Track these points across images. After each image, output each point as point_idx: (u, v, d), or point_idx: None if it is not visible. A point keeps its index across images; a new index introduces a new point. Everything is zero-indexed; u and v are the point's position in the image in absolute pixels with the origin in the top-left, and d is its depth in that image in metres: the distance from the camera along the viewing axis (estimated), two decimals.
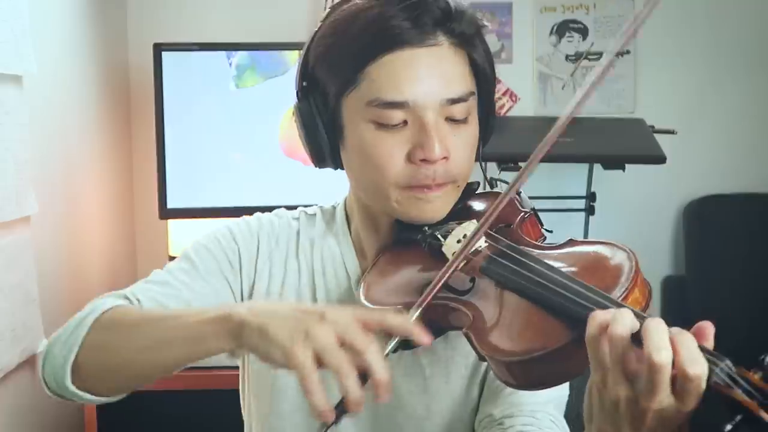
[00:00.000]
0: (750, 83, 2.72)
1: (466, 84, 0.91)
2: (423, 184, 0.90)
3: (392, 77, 0.88)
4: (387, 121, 0.88)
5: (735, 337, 2.51)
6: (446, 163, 0.89)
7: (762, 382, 0.61)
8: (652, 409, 0.64)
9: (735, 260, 2.62)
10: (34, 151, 1.74)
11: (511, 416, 0.91)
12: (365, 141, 0.90)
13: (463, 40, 0.91)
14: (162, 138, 2.19)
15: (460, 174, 0.92)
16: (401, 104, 0.88)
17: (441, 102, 0.89)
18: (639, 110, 2.67)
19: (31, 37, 1.68)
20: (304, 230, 1.06)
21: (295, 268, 1.04)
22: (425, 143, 0.88)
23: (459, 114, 0.90)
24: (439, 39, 0.89)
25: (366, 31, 0.89)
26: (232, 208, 2.23)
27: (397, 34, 0.87)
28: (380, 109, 0.88)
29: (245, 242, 1.03)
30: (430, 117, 0.88)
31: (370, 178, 0.92)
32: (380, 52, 0.88)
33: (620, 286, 0.73)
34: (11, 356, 1.63)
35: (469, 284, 0.83)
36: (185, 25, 2.58)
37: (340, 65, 0.90)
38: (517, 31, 2.68)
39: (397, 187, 0.90)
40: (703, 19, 2.70)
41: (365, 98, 0.89)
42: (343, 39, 0.91)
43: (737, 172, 2.73)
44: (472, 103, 0.92)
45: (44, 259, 1.83)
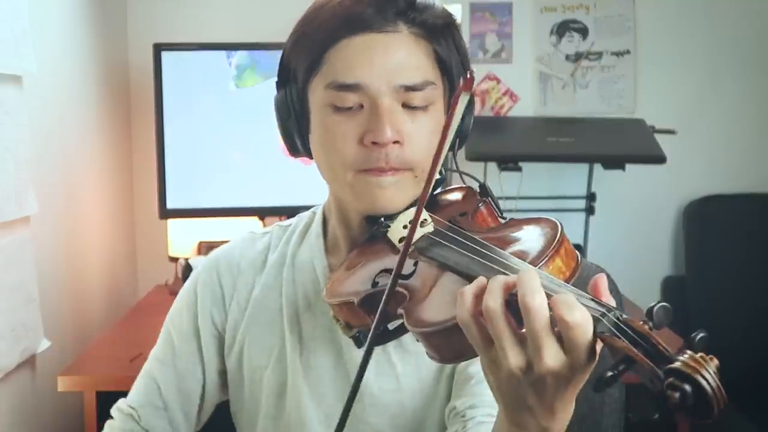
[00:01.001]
0: (749, 83, 2.72)
1: (424, 73, 0.91)
2: (375, 167, 0.90)
3: (348, 60, 0.90)
4: (342, 103, 0.90)
5: (735, 336, 2.51)
6: (399, 147, 0.90)
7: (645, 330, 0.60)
8: (547, 370, 0.62)
9: (735, 260, 2.62)
10: (34, 151, 1.74)
11: (473, 407, 0.91)
12: (324, 124, 0.93)
13: (425, 30, 0.92)
14: (162, 138, 2.19)
15: (416, 161, 0.92)
16: (354, 86, 0.89)
17: (395, 87, 0.90)
18: (639, 110, 2.67)
19: (31, 37, 1.68)
20: (274, 245, 1.09)
21: (260, 285, 1.06)
22: (375, 126, 0.89)
23: (417, 101, 0.91)
24: (398, 26, 0.91)
25: (331, 17, 0.91)
26: (231, 208, 2.24)
27: (357, 19, 0.90)
28: (336, 91, 0.90)
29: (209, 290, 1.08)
30: (383, 101, 0.89)
31: (328, 162, 0.94)
32: (340, 37, 0.90)
33: (541, 253, 0.74)
34: (11, 356, 1.63)
35: (413, 268, 0.85)
36: (185, 25, 2.58)
37: (307, 51, 0.93)
38: (517, 31, 2.68)
39: (351, 169, 0.92)
40: (703, 19, 2.70)
41: (324, 81, 0.91)
42: (309, 26, 0.93)
43: (737, 172, 2.73)
44: (431, 92, 0.92)
45: (44, 259, 1.83)
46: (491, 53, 2.67)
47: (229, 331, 1.07)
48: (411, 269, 0.85)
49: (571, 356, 0.62)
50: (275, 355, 1.03)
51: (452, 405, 0.94)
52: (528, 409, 0.66)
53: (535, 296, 0.62)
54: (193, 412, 1.09)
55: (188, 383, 1.08)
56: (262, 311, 1.05)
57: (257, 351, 1.04)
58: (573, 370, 0.63)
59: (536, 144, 2.37)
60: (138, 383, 1.10)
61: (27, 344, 1.69)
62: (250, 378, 1.05)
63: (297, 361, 1.01)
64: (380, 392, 0.98)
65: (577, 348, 0.61)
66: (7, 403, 1.67)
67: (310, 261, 1.04)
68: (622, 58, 2.69)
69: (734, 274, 2.61)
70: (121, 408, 1.09)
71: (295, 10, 0.97)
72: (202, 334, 1.07)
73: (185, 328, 1.08)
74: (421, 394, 0.99)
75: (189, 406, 1.08)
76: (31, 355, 1.74)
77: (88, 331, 2.16)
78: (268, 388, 1.03)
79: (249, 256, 1.09)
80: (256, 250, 1.09)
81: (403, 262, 0.79)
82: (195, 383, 1.08)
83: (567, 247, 0.76)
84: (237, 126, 2.21)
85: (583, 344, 0.61)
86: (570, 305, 0.62)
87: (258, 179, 2.22)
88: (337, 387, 1.00)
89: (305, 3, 0.97)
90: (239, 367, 1.06)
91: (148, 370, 1.10)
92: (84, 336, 2.12)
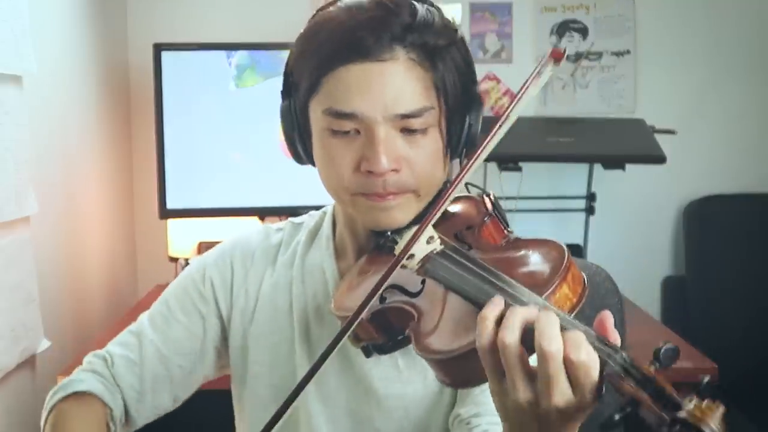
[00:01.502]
0: (750, 83, 2.72)
1: (421, 99, 0.89)
2: (373, 192, 0.90)
3: (343, 89, 0.89)
4: (339, 128, 0.90)
5: (735, 336, 2.52)
6: (397, 174, 0.90)
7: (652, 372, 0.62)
8: (554, 407, 0.64)
9: (735, 260, 2.62)
10: (34, 151, 1.74)
11: (477, 415, 0.92)
12: (323, 146, 0.93)
13: (424, 53, 0.90)
14: (162, 138, 2.19)
15: (418, 185, 0.91)
16: (350, 115, 0.89)
17: (391, 116, 0.89)
18: (639, 110, 2.67)
19: (31, 37, 1.68)
20: (287, 241, 1.10)
21: (270, 282, 1.07)
22: (371, 156, 0.88)
23: (416, 125, 0.90)
24: (395, 53, 0.88)
25: (328, 40, 0.90)
26: (231, 208, 2.23)
27: (353, 47, 0.88)
28: (332, 117, 0.90)
29: (219, 272, 1.09)
30: (379, 131, 0.88)
31: (328, 182, 0.95)
32: (337, 64, 0.89)
33: (548, 282, 0.75)
34: (11, 356, 1.63)
35: (420, 286, 0.85)
36: (185, 25, 2.58)
37: (307, 71, 0.92)
38: (517, 31, 2.68)
39: (349, 192, 0.92)
40: (703, 20, 2.70)
41: (322, 106, 0.91)
42: (310, 45, 0.93)
43: (737, 172, 2.73)
44: (429, 117, 0.90)
45: (44, 259, 1.83)
46: (491, 53, 2.67)
47: (235, 322, 1.07)
48: (419, 287, 0.84)
49: (578, 394, 0.64)
50: (283, 354, 1.03)
51: (456, 412, 0.95)
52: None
53: (552, 342, 0.64)
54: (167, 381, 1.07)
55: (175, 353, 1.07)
56: (270, 309, 1.06)
57: (263, 347, 1.05)
58: (578, 409, 0.64)
59: (536, 144, 2.37)
60: (120, 337, 1.09)
61: (27, 344, 1.69)
62: (254, 373, 1.05)
63: (306, 362, 1.01)
64: (386, 397, 0.99)
65: (583, 387, 0.63)
66: (7, 403, 1.67)
67: (320, 264, 1.05)
68: (622, 58, 2.69)
69: (734, 274, 2.60)
70: (96, 352, 1.08)
71: (295, 10, 0.98)
72: (206, 314, 1.07)
73: (188, 303, 1.08)
74: (426, 399, 0.99)
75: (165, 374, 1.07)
76: (31, 355, 1.74)
77: (88, 331, 2.16)
78: (275, 388, 1.03)
79: (263, 248, 1.09)
80: (270, 244, 1.10)
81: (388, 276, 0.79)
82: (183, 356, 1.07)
83: (574, 272, 0.76)
84: (237, 126, 2.21)
85: (588, 384, 0.63)
86: (578, 344, 0.63)
87: (258, 179, 2.22)
88: (341, 390, 1.01)
89: (305, 3, 0.97)
90: (244, 362, 1.06)
91: (136, 329, 1.09)
92: (84, 336, 2.12)
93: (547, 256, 0.79)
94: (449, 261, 0.84)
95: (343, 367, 1.01)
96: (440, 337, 0.77)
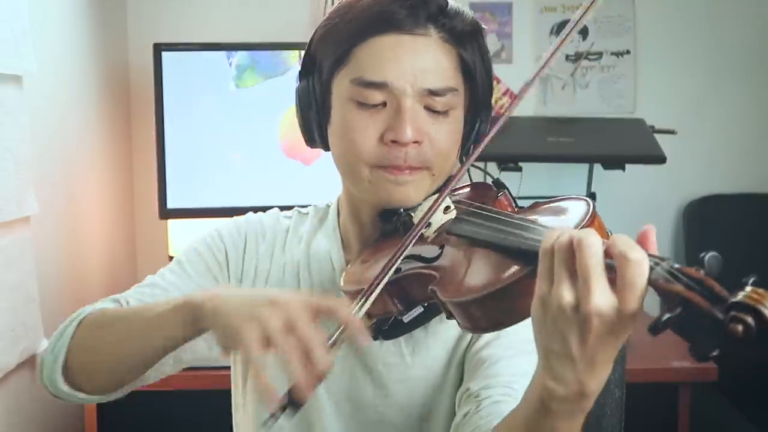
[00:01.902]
0: (750, 84, 2.72)
1: (448, 79, 0.94)
2: (393, 165, 0.92)
3: (376, 58, 0.92)
4: (366, 100, 0.92)
5: None
6: (418, 147, 0.92)
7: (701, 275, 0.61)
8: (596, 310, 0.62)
9: (735, 260, 2.60)
10: (34, 151, 1.74)
11: (487, 387, 0.92)
12: (345, 118, 0.94)
13: (453, 36, 0.94)
14: (162, 138, 2.19)
15: (434, 162, 0.94)
16: (380, 85, 0.91)
17: (419, 89, 0.92)
18: (639, 110, 2.67)
19: (31, 37, 1.68)
20: (294, 227, 1.11)
21: (280, 263, 1.08)
22: (397, 125, 0.91)
23: (439, 106, 0.93)
24: (428, 30, 0.93)
25: (362, 14, 0.93)
26: (232, 208, 2.23)
27: (389, 18, 0.91)
28: (361, 87, 0.92)
29: (232, 241, 1.10)
30: (406, 101, 0.91)
31: (346, 156, 0.96)
32: (370, 35, 0.92)
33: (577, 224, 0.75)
34: (11, 356, 1.63)
35: (438, 251, 0.86)
36: (185, 25, 2.58)
37: (335, 45, 0.95)
38: (517, 31, 2.68)
39: (369, 165, 0.94)
40: (703, 20, 2.70)
41: (350, 76, 0.93)
42: (341, 21, 0.95)
43: (737, 172, 2.73)
44: (453, 99, 0.94)
45: (44, 259, 1.83)
46: (491, 53, 2.66)
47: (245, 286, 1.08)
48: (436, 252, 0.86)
49: (622, 298, 0.62)
50: None
51: (465, 387, 0.95)
52: (569, 357, 0.65)
53: (590, 236, 0.64)
54: None
55: None
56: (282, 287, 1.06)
57: None
58: (620, 316, 0.62)
59: (536, 144, 2.37)
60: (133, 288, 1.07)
61: (27, 344, 1.69)
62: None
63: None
64: (389, 382, 1.00)
65: (631, 288, 0.61)
66: (7, 403, 1.67)
67: (326, 251, 1.06)
68: (622, 58, 2.69)
69: (734, 274, 2.59)
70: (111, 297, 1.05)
71: (295, 10, 0.99)
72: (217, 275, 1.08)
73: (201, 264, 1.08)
74: (429, 383, 1.00)
75: None
76: (31, 355, 1.74)
77: None
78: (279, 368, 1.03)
79: (274, 229, 1.11)
80: (280, 227, 1.12)
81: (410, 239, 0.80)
82: None
83: (600, 221, 0.77)
84: (237, 126, 2.21)
85: (638, 284, 0.61)
86: (630, 244, 0.63)
87: (258, 179, 2.22)
88: (345, 373, 1.02)
89: (305, 3, 0.98)
90: None
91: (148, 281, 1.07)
92: None
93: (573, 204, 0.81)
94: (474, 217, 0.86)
95: (347, 352, 1.01)
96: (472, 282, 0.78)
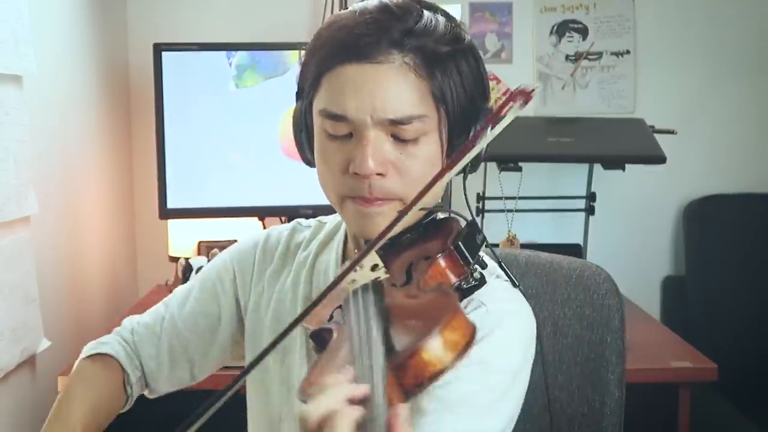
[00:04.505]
0: (750, 83, 2.72)
1: (413, 107, 0.88)
2: (359, 196, 0.90)
3: (336, 90, 0.89)
4: (333, 131, 0.91)
5: (734, 337, 2.51)
6: (382, 178, 0.89)
7: None
8: None
9: (735, 260, 2.61)
10: (34, 151, 1.74)
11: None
12: (319, 147, 0.94)
13: (421, 59, 0.88)
14: (162, 138, 2.19)
15: (404, 192, 0.90)
16: (341, 117, 0.89)
17: (380, 120, 0.87)
18: (639, 110, 2.67)
19: (31, 37, 1.68)
20: (308, 239, 1.12)
21: (289, 279, 1.09)
22: (358, 157, 0.88)
23: (407, 134, 0.88)
24: (391, 57, 0.87)
25: (330, 39, 0.91)
26: (231, 208, 2.23)
27: (351, 47, 0.88)
28: (327, 119, 0.90)
29: (240, 262, 1.14)
30: (368, 133, 0.88)
31: (323, 185, 0.96)
32: (334, 63, 0.89)
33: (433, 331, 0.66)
34: (11, 356, 1.63)
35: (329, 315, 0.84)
36: (185, 25, 2.58)
37: (310, 71, 0.93)
38: (517, 31, 2.68)
39: (339, 195, 0.93)
40: (703, 20, 2.70)
41: (318, 106, 0.92)
42: (315, 45, 0.94)
43: (737, 172, 2.73)
44: (421, 126, 0.88)
45: (44, 259, 1.83)
46: (491, 53, 2.67)
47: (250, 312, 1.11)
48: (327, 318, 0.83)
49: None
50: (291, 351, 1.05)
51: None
52: None
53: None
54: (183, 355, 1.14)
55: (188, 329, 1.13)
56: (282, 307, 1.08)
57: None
58: None
59: (536, 144, 2.36)
60: (154, 307, 1.18)
61: (27, 344, 1.69)
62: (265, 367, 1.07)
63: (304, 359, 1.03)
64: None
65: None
66: (7, 403, 1.67)
67: (328, 267, 1.07)
68: (622, 58, 2.69)
69: (734, 274, 2.60)
70: (131, 317, 1.19)
71: (295, 10, 0.98)
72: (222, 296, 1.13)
73: (208, 283, 1.14)
74: None
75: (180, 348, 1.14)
76: (31, 355, 1.74)
77: (88, 331, 2.16)
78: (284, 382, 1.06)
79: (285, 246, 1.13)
80: (294, 242, 1.13)
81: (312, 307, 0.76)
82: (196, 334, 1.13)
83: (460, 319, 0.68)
84: (237, 126, 2.21)
85: None
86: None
87: (258, 179, 2.22)
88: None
89: (305, 3, 0.97)
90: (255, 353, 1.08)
91: (166, 300, 1.17)
92: (84, 336, 2.12)
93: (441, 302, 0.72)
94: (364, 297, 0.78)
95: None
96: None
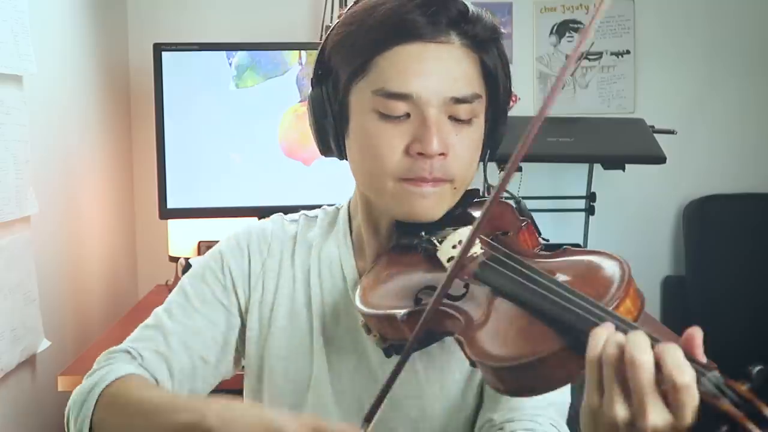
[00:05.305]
0: (749, 83, 2.72)
1: (473, 86, 0.91)
2: (418, 177, 0.90)
3: (399, 69, 0.89)
4: (390, 111, 0.90)
5: (734, 337, 2.51)
6: (443, 159, 0.90)
7: (748, 393, 0.60)
8: (651, 429, 0.62)
9: (735, 260, 2.62)
10: (34, 151, 1.74)
11: (511, 420, 0.90)
12: (367, 130, 0.92)
13: (476, 43, 0.92)
14: (162, 138, 2.19)
15: (457, 174, 0.92)
16: (405, 96, 0.89)
17: (444, 99, 0.89)
18: (639, 110, 2.67)
19: (31, 37, 1.68)
20: (302, 233, 1.07)
21: (289, 275, 1.05)
22: (424, 137, 0.88)
23: (463, 114, 0.90)
24: (451, 37, 0.90)
25: (381, 22, 0.90)
26: (231, 208, 2.23)
27: (410, 27, 0.89)
28: (384, 99, 0.89)
29: (236, 261, 1.05)
30: (432, 112, 0.89)
31: (369, 168, 0.93)
32: (391, 44, 0.89)
33: (612, 296, 0.72)
34: (11, 356, 1.63)
35: (463, 290, 0.83)
36: (185, 25, 2.58)
37: (353, 54, 0.92)
38: (517, 31, 2.68)
39: (393, 178, 0.91)
40: (703, 20, 2.70)
41: (372, 87, 0.90)
42: (359, 29, 0.92)
43: (737, 172, 2.73)
44: (477, 106, 0.92)
45: (44, 259, 1.83)
46: None
47: (252, 313, 1.04)
48: (462, 291, 0.83)
49: (677, 415, 0.61)
50: (300, 347, 1.02)
51: (488, 417, 0.93)
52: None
53: (642, 353, 0.62)
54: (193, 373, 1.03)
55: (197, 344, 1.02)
56: (288, 302, 1.03)
57: (281, 341, 1.02)
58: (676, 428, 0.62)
59: (536, 144, 2.36)
60: (137, 333, 1.03)
61: (27, 344, 1.69)
62: (271, 367, 1.03)
63: (323, 357, 1.00)
64: (401, 397, 0.97)
65: (684, 408, 0.61)
66: (7, 403, 1.67)
67: (337, 259, 1.03)
68: (622, 58, 2.69)
69: (734, 274, 2.61)
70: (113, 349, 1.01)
71: (295, 10, 0.98)
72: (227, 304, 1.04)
73: (208, 293, 1.04)
74: (443, 401, 0.98)
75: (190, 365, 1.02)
76: (31, 355, 1.74)
77: (88, 331, 2.16)
78: (292, 382, 1.02)
79: (279, 238, 1.07)
80: (286, 235, 1.07)
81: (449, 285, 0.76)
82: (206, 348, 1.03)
83: (634, 287, 0.74)
84: (237, 126, 2.21)
85: (689, 405, 0.61)
86: (678, 363, 0.61)
87: (258, 179, 2.22)
88: (356, 387, 1.00)
89: (305, 3, 0.97)
90: (260, 355, 1.04)
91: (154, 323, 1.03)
92: (84, 336, 2.12)
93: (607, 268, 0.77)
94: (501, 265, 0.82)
95: (357, 365, 0.99)
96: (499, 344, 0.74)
